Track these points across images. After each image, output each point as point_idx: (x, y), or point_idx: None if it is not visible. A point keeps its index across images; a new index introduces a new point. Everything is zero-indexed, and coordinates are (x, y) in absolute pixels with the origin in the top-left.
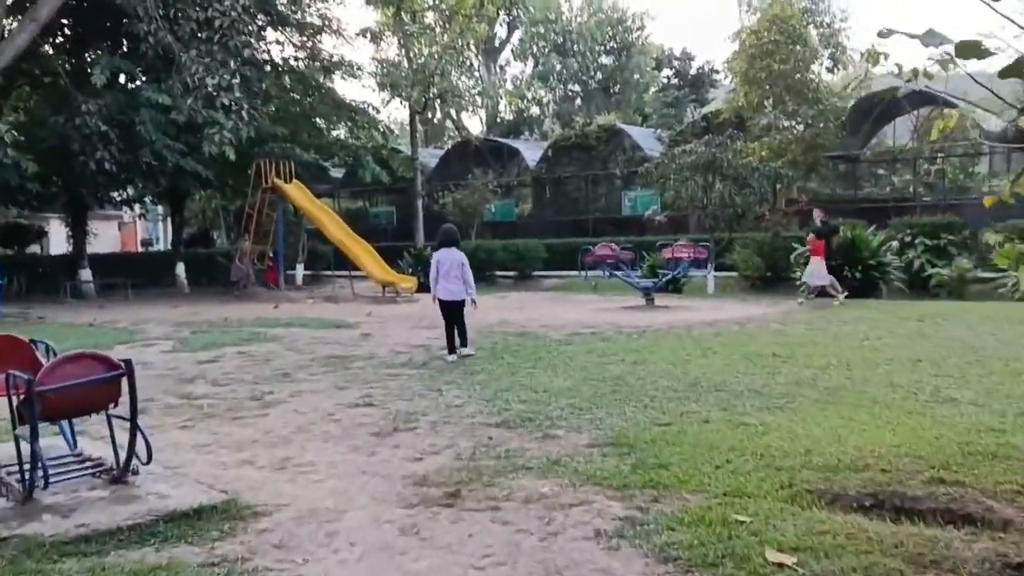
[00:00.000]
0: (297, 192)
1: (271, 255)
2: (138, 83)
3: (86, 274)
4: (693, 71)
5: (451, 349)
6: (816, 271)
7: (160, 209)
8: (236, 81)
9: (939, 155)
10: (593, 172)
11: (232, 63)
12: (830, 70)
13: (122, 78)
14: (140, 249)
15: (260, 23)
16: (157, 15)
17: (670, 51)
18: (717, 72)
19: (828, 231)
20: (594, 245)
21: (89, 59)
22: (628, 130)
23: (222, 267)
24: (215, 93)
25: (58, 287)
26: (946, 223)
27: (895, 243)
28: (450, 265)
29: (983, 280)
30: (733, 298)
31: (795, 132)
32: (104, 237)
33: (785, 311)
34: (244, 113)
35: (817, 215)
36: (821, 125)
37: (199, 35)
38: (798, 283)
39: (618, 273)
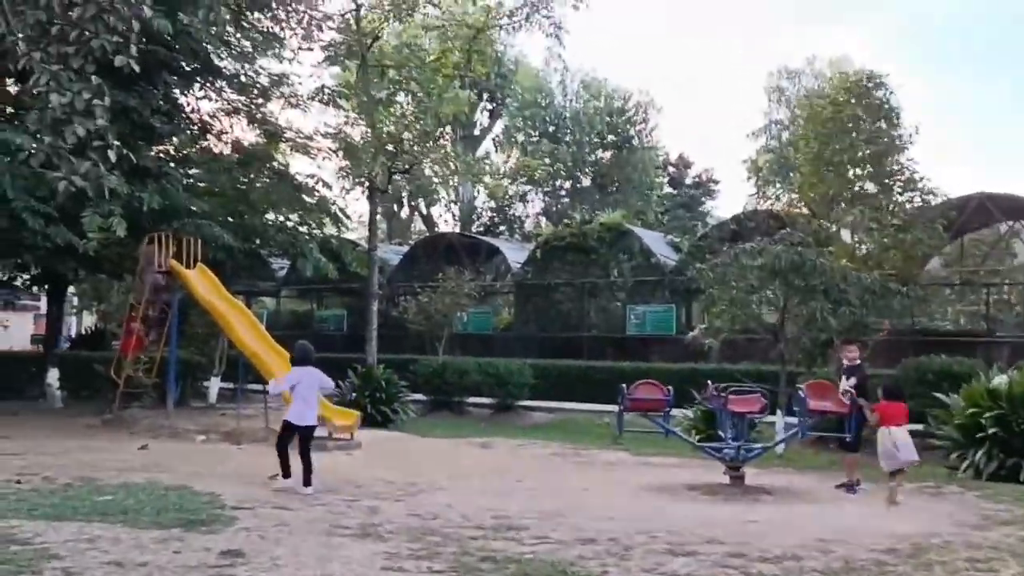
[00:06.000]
0: (200, 279)
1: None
2: None
3: None
4: (689, 180)
5: (286, 473)
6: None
7: (76, 299)
8: (102, 103)
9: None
10: (592, 280)
11: (93, 76)
12: None
13: None
14: (30, 347)
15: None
16: None
17: (666, 155)
18: (716, 181)
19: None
20: (628, 382)
21: None
22: (638, 232)
23: (101, 376)
24: (64, 117)
25: None
26: None
27: None
28: (309, 384)
29: None
30: (821, 470)
31: (889, 235)
32: (15, 331)
33: (988, 516)
34: (112, 154)
35: (851, 353)
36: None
37: (47, 27)
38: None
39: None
